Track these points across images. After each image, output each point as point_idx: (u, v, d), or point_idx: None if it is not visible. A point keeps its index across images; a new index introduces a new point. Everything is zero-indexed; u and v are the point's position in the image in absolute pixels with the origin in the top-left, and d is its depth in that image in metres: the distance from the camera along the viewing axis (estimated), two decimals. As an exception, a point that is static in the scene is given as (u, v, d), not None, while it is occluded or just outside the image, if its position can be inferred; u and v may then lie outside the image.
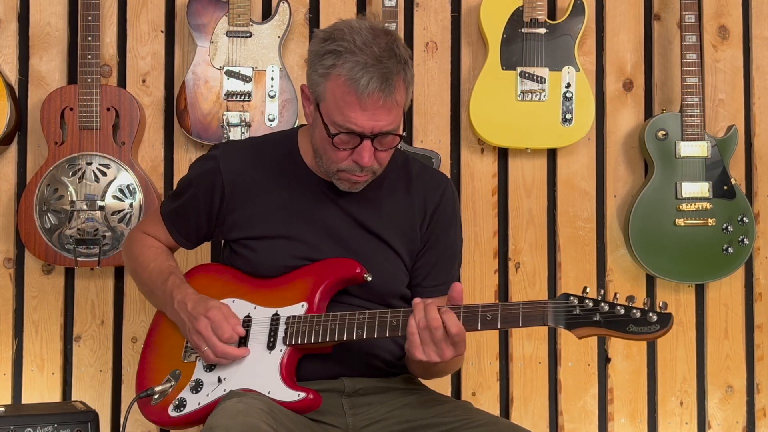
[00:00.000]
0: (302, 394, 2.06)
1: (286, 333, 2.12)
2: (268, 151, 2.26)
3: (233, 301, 2.21)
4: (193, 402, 2.15)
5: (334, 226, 2.21)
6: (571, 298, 1.93)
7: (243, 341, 2.15)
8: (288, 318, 2.13)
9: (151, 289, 2.31)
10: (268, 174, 2.24)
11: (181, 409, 2.15)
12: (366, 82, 1.99)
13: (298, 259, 2.19)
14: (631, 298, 1.92)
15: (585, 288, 1.95)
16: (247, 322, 2.17)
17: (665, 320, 1.88)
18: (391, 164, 2.25)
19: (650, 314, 1.89)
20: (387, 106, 2.02)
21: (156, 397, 2.20)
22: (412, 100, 3.16)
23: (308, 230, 2.20)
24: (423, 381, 2.31)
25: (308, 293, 2.14)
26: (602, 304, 1.91)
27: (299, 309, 2.14)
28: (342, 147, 2.08)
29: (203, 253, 3.07)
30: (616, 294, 1.94)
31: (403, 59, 2.05)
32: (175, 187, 2.41)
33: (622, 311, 1.90)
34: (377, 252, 2.21)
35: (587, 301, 1.93)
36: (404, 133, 2.09)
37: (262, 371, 2.10)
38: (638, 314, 1.89)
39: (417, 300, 2.00)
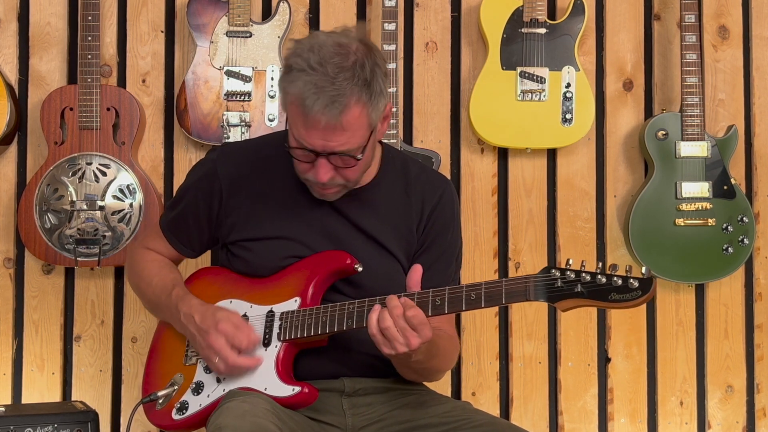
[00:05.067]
0: (297, 389, 2.07)
1: (280, 329, 2.13)
2: (265, 152, 2.26)
3: (230, 302, 2.21)
4: (195, 404, 2.16)
5: (331, 228, 2.21)
6: (553, 270, 1.91)
7: None
8: (282, 314, 2.14)
9: (157, 304, 2.31)
10: (264, 175, 2.24)
11: (184, 411, 2.16)
12: (311, 104, 1.96)
13: (295, 259, 2.20)
14: (614, 267, 1.88)
15: (568, 260, 1.93)
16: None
17: (646, 285, 1.84)
18: (389, 166, 2.25)
19: (631, 281, 1.85)
20: (334, 128, 1.99)
21: (160, 401, 2.21)
22: (412, 100, 3.19)
23: (306, 232, 2.21)
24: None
25: (301, 288, 2.15)
26: (584, 275, 1.88)
27: (293, 304, 2.15)
28: (301, 159, 2.08)
29: (202, 256, 3.07)
30: (599, 263, 1.91)
31: (365, 80, 1.98)
32: (174, 195, 2.40)
33: (604, 280, 1.87)
34: (373, 255, 2.20)
35: (569, 272, 1.90)
36: (360, 156, 2.03)
37: (258, 369, 2.11)
38: (620, 282, 1.86)
39: (372, 314, 1.99)
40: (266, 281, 2.21)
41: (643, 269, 1.87)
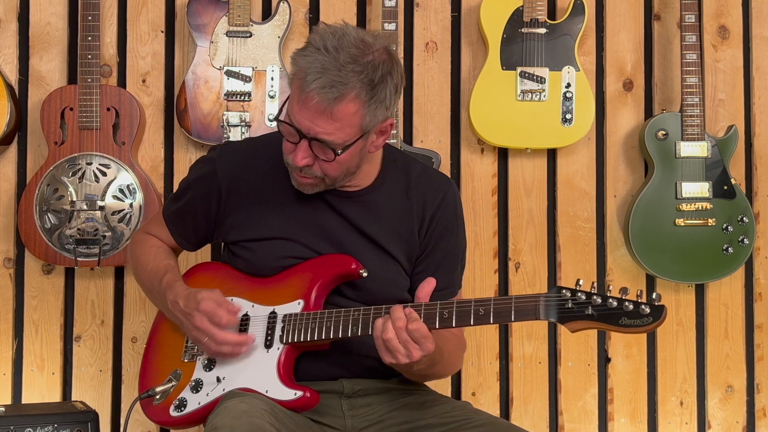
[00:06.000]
0: (299, 393, 2.07)
1: (283, 331, 2.12)
2: (266, 152, 2.25)
3: (232, 300, 2.21)
4: (194, 402, 2.16)
5: (331, 229, 2.21)
6: (564, 291, 1.91)
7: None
8: (285, 316, 2.14)
9: (150, 290, 2.33)
10: (265, 175, 2.24)
11: (182, 409, 2.16)
12: (311, 80, 1.96)
13: (296, 259, 2.20)
14: (624, 290, 1.88)
15: (578, 281, 1.92)
16: (245, 320, 2.18)
17: (658, 312, 1.85)
18: (390, 168, 2.25)
19: (643, 306, 1.85)
20: (323, 112, 1.98)
21: (158, 397, 2.21)
22: (412, 100, 3.19)
23: (306, 232, 2.20)
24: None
25: (305, 291, 2.15)
26: (594, 297, 1.88)
27: (296, 307, 2.14)
28: (287, 138, 2.08)
29: (203, 251, 3.07)
30: (609, 286, 1.91)
31: (372, 80, 1.98)
32: (176, 187, 2.41)
33: (615, 304, 1.87)
34: (373, 256, 2.20)
35: (579, 294, 1.90)
36: (340, 152, 2.03)
37: (259, 370, 2.11)
38: (631, 307, 1.86)
39: (379, 320, 1.99)
40: (269, 281, 2.21)
41: (654, 295, 1.87)
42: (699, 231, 3.11)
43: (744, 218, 3.12)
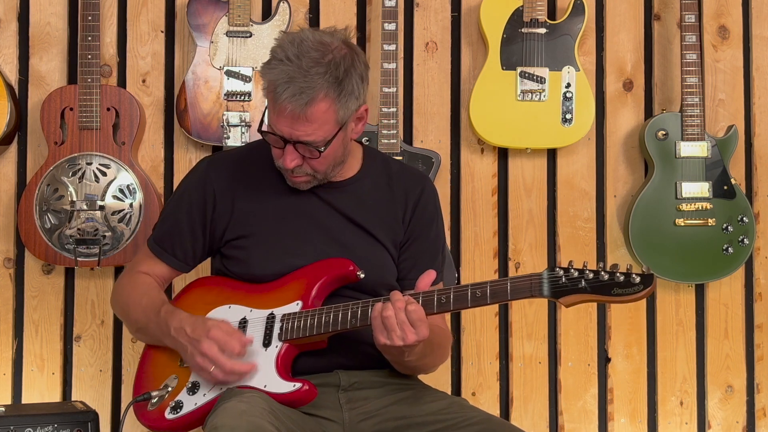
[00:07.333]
0: (297, 385, 2.09)
1: (281, 330, 2.14)
2: (252, 156, 2.33)
3: (229, 307, 2.23)
4: (190, 403, 2.16)
5: (322, 219, 2.26)
6: (557, 269, 1.99)
7: None
8: (283, 315, 2.16)
9: (146, 324, 2.30)
10: (254, 176, 2.30)
11: (178, 411, 2.16)
12: (281, 91, 2.06)
13: (289, 254, 2.23)
14: (614, 266, 1.96)
15: (570, 261, 2.00)
16: (243, 324, 2.19)
17: (648, 280, 1.92)
18: (370, 162, 2.33)
19: (633, 276, 1.92)
20: (298, 118, 2.08)
21: (154, 401, 2.20)
22: (412, 100, 3.19)
23: (297, 225, 2.26)
24: (419, 377, 2.33)
25: (303, 292, 2.18)
26: (587, 272, 1.96)
27: (294, 307, 2.17)
28: (273, 144, 2.18)
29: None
30: (600, 264, 1.98)
31: (337, 77, 2.08)
32: (176, 187, 2.42)
33: (606, 276, 1.95)
34: (364, 244, 2.26)
35: (572, 270, 1.98)
36: (323, 149, 2.12)
37: (258, 368, 2.11)
38: (622, 278, 1.94)
39: (378, 302, 2.05)
40: (265, 287, 2.24)
41: (644, 268, 1.95)
42: (699, 231, 3.11)
43: (744, 218, 3.12)
